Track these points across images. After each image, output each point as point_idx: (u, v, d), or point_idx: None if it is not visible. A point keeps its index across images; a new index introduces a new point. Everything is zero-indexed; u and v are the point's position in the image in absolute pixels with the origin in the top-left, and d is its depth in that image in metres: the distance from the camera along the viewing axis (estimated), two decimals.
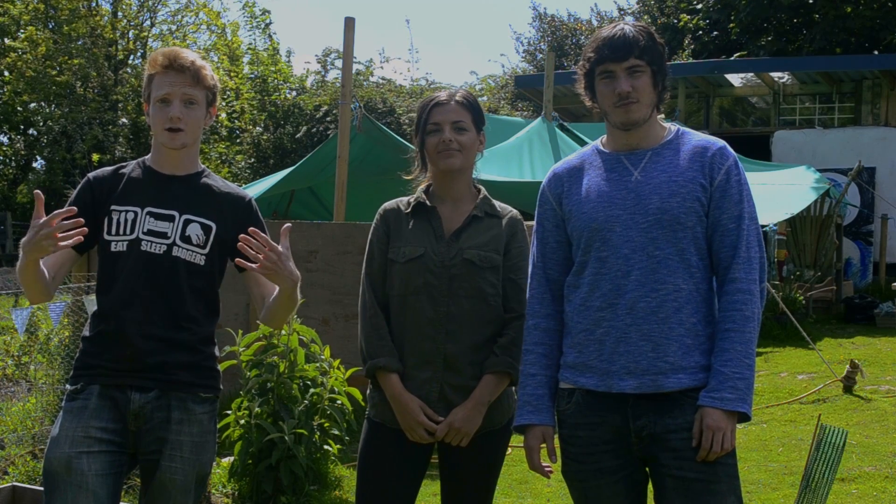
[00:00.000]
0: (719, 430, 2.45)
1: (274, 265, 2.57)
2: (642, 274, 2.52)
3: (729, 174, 2.56)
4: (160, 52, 2.79)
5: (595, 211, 2.59)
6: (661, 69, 2.61)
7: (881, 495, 5.21)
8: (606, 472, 2.58)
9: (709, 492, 2.48)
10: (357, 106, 9.69)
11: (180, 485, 2.71)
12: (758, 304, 2.54)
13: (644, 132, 2.62)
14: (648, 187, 2.56)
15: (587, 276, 2.60)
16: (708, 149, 2.59)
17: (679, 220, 2.53)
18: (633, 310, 2.52)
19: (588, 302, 2.58)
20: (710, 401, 2.47)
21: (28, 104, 22.42)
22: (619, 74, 2.55)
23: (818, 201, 14.13)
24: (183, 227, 2.75)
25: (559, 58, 26.81)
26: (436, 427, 2.81)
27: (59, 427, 2.68)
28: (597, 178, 2.63)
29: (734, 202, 2.55)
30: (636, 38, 2.55)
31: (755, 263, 2.54)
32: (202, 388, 2.77)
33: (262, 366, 5.03)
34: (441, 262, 2.85)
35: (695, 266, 2.55)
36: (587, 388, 2.58)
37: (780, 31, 23.27)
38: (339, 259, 6.98)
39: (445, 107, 2.90)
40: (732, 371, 2.47)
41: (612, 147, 2.67)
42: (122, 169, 2.86)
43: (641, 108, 2.57)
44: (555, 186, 2.72)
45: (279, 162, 17.96)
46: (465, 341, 2.83)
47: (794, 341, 10.65)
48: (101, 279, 2.77)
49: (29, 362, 6.33)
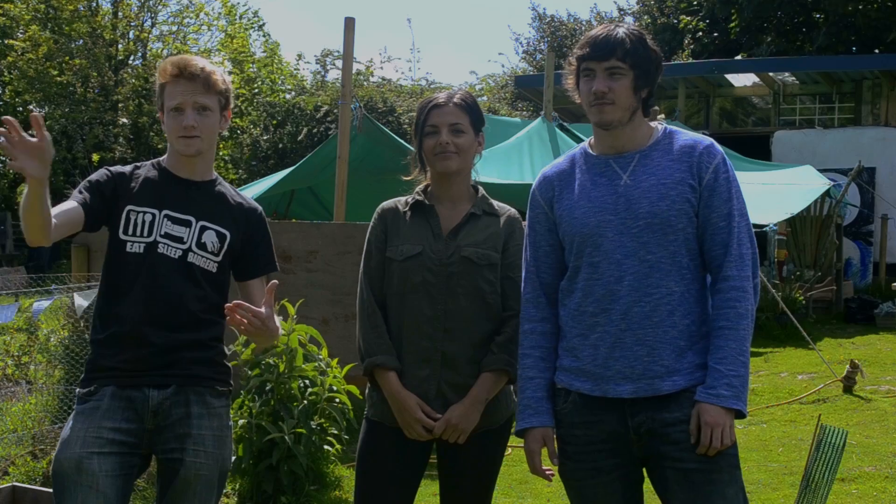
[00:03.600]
0: (718, 425, 2.46)
1: (257, 329, 2.59)
2: (635, 279, 2.53)
3: (717, 172, 2.55)
4: (169, 60, 2.77)
5: (586, 216, 2.59)
6: (646, 75, 2.57)
7: (881, 495, 5.21)
8: (603, 471, 2.59)
9: (710, 481, 2.50)
10: (357, 106, 9.69)
11: (205, 480, 2.70)
12: (751, 300, 2.55)
13: (629, 134, 2.61)
14: (638, 192, 2.56)
15: (580, 281, 2.60)
16: (695, 148, 2.58)
17: (670, 223, 2.53)
18: (626, 315, 2.53)
19: (582, 307, 2.59)
20: (707, 397, 2.48)
21: (28, 104, 22.41)
22: (598, 73, 2.55)
23: (818, 201, 14.13)
24: (199, 233, 2.76)
25: (559, 58, 26.81)
26: (433, 424, 2.81)
27: (71, 429, 2.67)
28: (587, 183, 2.63)
29: (723, 200, 2.55)
30: (622, 40, 2.53)
31: (747, 260, 2.55)
32: (218, 381, 2.79)
33: (261, 365, 5.03)
34: (439, 260, 2.86)
35: (686, 267, 2.56)
36: (583, 391, 2.60)
37: (780, 31, 23.28)
38: (339, 259, 6.97)
39: (443, 109, 2.90)
40: (728, 368, 2.48)
41: (600, 149, 2.66)
42: (138, 169, 2.85)
43: (616, 110, 2.55)
44: (545, 190, 2.72)
45: (279, 162, 17.96)
46: (462, 339, 2.84)
47: (794, 341, 10.65)
48: (114, 280, 2.75)
49: (29, 362, 6.33)
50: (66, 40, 21.03)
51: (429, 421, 2.82)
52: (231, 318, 2.57)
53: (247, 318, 2.56)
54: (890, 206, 16.00)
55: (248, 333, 2.62)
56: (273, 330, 2.64)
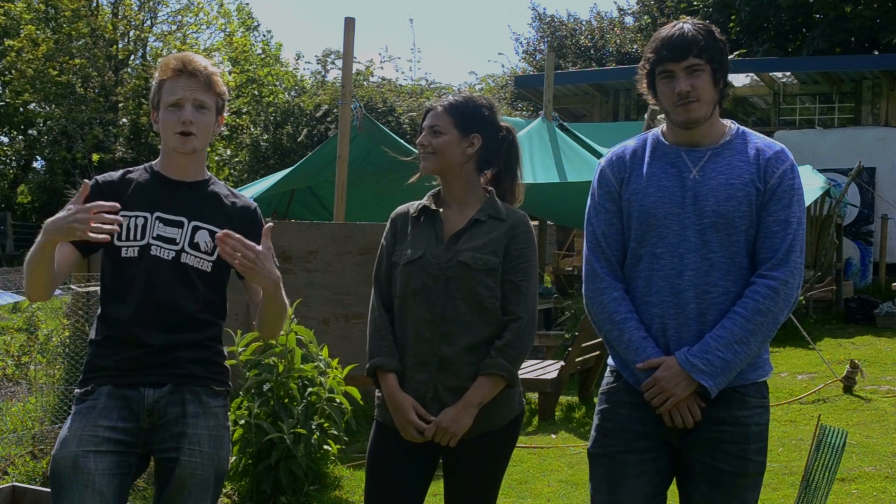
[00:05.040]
0: (666, 389, 2.49)
1: (252, 263, 2.57)
2: (696, 275, 2.55)
3: (783, 178, 2.58)
4: (172, 56, 2.78)
5: (655, 206, 2.60)
6: (722, 67, 2.61)
7: (881, 495, 5.21)
8: (637, 450, 2.61)
9: (735, 484, 2.53)
10: (357, 106, 9.69)
11: (200, 480, 2.69)
12: (780, 304, 2.54)
13: (705, 130, 2.63)
14: (706, 188, 2.57)
15: (643, 270, 2.62)
16: (766, 151, 2.62)
17: (734, 224, 2.55)
18: (684, 310, 2.55)
19: (646, 297, 2.61)
20: (681, 356, 2.51)
21: (28, 104, 22.43)
22: (678, 74, 2.57)
23: (818, 201, 14.13)
24: (191, 233, 2.76)
25: (559, 58, 26.81)
26: (425, 426, 2.83)
27: (68, 428, 2.68)
28: (657, 170, 2.64)
29: (783, 206, 2.56)
30: (695, 37, 2.56)
31: (792, 267, 2.54)
32: (215, 381, 2.78)
33: (260, 366, 5.03)
34: (438, 265, 2.88)
35: (745, 268, 2.57)
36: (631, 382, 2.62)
37: (780, 31, 23.28)
38: (339, 259, 6.97)
39: (432, 112, 3.01)
40: (716, 346, 2.49)
41: (673, 140, 2.67)
42: (130, 174, 2.85)
43: (702, 106, 2.58)
44: (618, 170, 2.70)
45: (279, 162, 17.97)
46: (460, 343, 2.85)
47: (794, 341, 10.66)
48: (111, 285, 2.76)
49: (29, 362, 6.33)
50: (66, 40, 21.04)
51: (421, 423, 2.83)
52: (221, 249, 2.55)
53: (239, 252, 2.55)
54: (890, 206, 16.00)
55: (242, 270, 2.60)
56: (270, 271, 2.60)
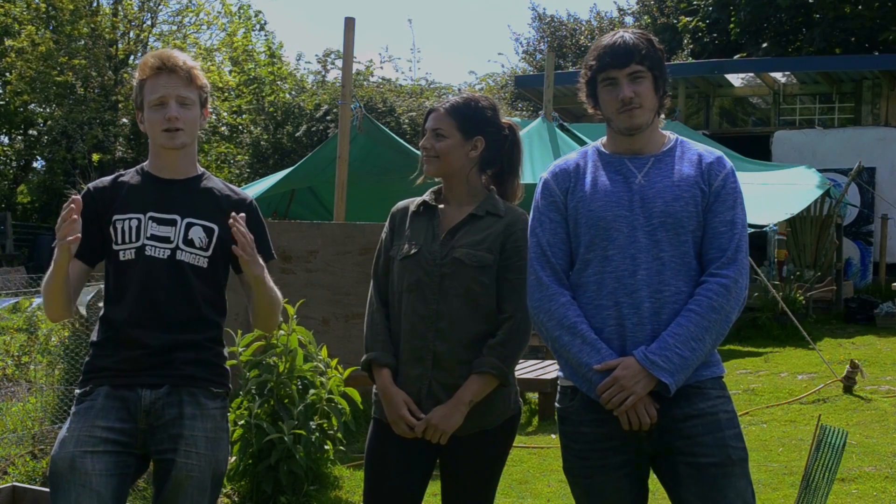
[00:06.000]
0: (626, 387, 2.48)
1: (242, 252, 2.64)
2: (648, 274, 2.56)
3: (726, 181, 2.63)
4: (150, 55, 2.80)
5: (602, 210, 2.62)
6: (662, 74, 2.66)
7: (881, 495, 5.21)
8: (611, 467, 2.60)
9: (723, 475, 2.54)
10: (357, 106, 9.69)
11: (196, 482, 2.68)
12: (731, 302, 2.55)
13: (646, 137, 2.67)
14: (653, 191, 2.61)
15: (591, 275, 2.62)
16: (707, 156, 2.68)
17: (682, 223, 2.58)
18: (639, 309, 2.56)
19: (596, 301, 2.60)
20: (640, 354, 2.50)
21: (28, 104, 22.42)
22: (621, 81, 2.60)
23: (818, 201, 14.13)
24: (185, 230, 2.76)
25: (559, 58, 26.81)
26: (416, 422, 2.83)
27: (67, 429, 2.69)
28: (602, 178, 2.67)
29: (727, 207, 2.61)
30: (637, 45, 2.60)
31: (741, 266, 2.58)
32: (212, 383, 2.77)
33: (261, 366, 5.03)
34: (433, 261, 2.88)
35: (694, 269, 2.60)
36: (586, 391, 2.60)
37: (779, 31, 23.27)
38: (339, 259, 6.97)
39: (434, 114, 3.01)
40: (674, 343, 2.50)
41: (614, 149, 2.70)
42: (121, 177, 2.86)
43: (644, 112, 2.62)
44: (562, 180, 2.72)
45: (279, 162, 17.97)
46: (453, 340, 2.85)
47: (794, 341, 10.66)
48: (112, 289, 2.78)
49: (29, 362, 6.32)
50: (66, 40, 21.03)
51: (412, 419, 2.83)
52: (236, 230, 2.63)
53: (239, 238, 2.62)
54: (890, 206, 16.00)
55: (237, 252, 2.66)
56: (256, 262, 2.67)
